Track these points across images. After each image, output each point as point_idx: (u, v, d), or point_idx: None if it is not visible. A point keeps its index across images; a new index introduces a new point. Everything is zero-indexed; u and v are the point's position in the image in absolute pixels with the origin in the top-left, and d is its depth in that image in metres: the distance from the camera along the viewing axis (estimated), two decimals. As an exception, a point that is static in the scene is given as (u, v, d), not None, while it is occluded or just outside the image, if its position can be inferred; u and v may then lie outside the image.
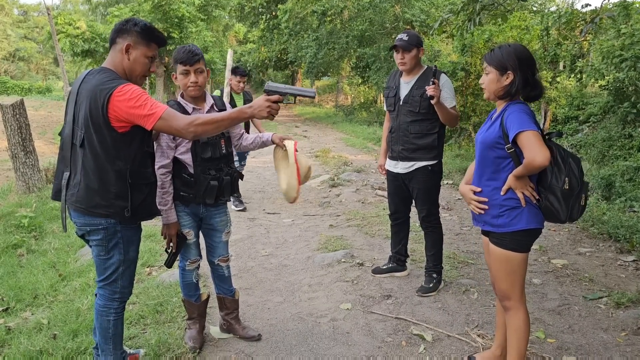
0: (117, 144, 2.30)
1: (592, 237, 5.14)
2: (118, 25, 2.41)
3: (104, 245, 2.43)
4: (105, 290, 2.52)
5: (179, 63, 2.80)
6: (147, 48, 2.42)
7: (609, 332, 3.22)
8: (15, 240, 5.08)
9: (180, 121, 2.25)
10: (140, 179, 2.39)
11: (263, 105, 2.34)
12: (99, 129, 2.27)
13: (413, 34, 3.70)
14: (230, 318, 3.21)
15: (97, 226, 2.38)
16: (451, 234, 5.26)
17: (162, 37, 2.50)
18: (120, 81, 2.29)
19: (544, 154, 2.21)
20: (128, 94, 2.23)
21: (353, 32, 18.35)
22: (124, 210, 2.35)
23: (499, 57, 2.42)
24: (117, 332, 2.59)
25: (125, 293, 2.56)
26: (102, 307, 2.54)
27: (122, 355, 2.64)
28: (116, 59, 2.40)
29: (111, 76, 2.32)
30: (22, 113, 6.89)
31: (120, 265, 2.47)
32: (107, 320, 2.54)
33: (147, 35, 2.41)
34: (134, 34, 2.38)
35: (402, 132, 3.76)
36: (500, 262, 2.47)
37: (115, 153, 2.31)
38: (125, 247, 2.46)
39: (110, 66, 2.40)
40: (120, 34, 2.39)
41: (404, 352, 3.02)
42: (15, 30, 47.86)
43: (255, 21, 26.37)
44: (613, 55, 9.65)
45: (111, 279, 2.49)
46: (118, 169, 2.32)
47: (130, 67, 2.41)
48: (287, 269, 4.41)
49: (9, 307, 3.69)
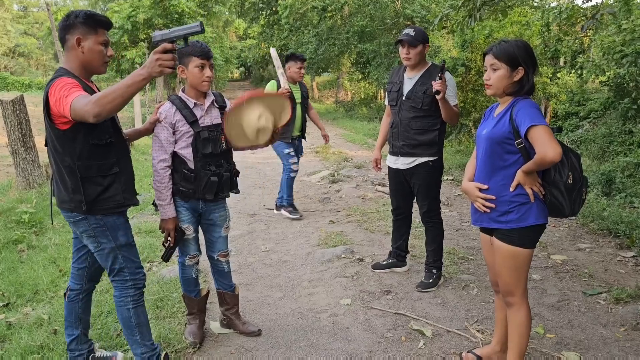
0: (61, 141, 2.32)
1: (592, 233, 5.14)
2: (62, 24, 2.38)
3: (92, 237, 2.46)
4: (117, 282, 2.55)
5: (195, 56, 2.79)
6: (96, 35, 2.39)
7: (608, 327, 3.23)
8: (15, 236, 5.08)
9: (81, 104, 2.10)
10: (92, 172, 2.38)
11: (152, 60, 2.10)
12: (47, 128, 2.34)
13: (419, 29, 3.68)
14: (231, 313, 3.22)
15: (76, 218, 2.43)
16: (451, 230, 5.26)
17: (106, 19, 2.45)
18: (59, 76, 2.29)
19: (556, 150, 2.19)
20: (57, 88, 2.22)
21: (353, 28, 18.32)
22: (81, 204, 2.37)
23: (510, 51, 2.36)
24: (141, 321, 2.59)
25: (137, 279, 2.57)
26: (119, 298, 2.56)
27: (152, 345, 2.64)
28: (70, 56, 2.39)
29: (57, 75, 2.33)
30: (22, 109, 6.89)
31: (114, 252, 2.48)
32: (126, 309, 2.55)
33: (92, 22, 2.39)
34: (79, 26, 2.36)
35: (403, 127, 3.75)
36: (506, 259, 2.45)
37: (62, 149, 2.33)
38: (112, 233, 2.46)
39: (66, 65, 2.40)
40: (67, 31, 2.37)
41: (404, 347, 3.03)
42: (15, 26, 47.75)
43: (255, 17, 26.31)
44: (614, 51, 9.63)
45: (115, 268, 2.51)
46: (67, 165, 2.35)
47: (88, 59, 2.39)
48: (287, 264, 4.42)
49: (9, 303, 3.69)
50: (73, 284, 2.73)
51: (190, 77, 2.84)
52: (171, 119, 2.81)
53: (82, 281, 2.72)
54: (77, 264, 2.71)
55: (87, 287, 2.75)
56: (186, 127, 2.81)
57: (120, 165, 2.48)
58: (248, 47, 38.19)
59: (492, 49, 2.41)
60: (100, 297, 3.62)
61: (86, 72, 2.43)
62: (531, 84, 2.39)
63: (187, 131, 2.81)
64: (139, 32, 20.62)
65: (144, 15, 19.74)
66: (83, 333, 2.76)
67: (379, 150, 4.13)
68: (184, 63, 2.83)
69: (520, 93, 2.40)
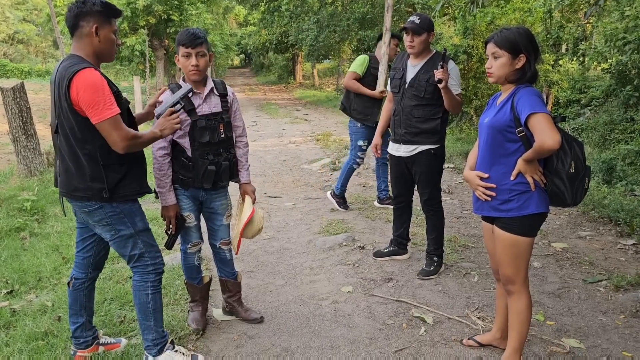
0: (82, 128, 2.31)
1: (593, 220, 5.15)
2: (76, 9, 2.35)
3: (108, 225, 2.46)
4: (137, 267, 2.58)
5: (181, 45, 2.79)
6: (110, 24, 2.40)
7: (608, 314, 3.25)
8: (18, 223, 5.10)
9: (117, 134, 2.28)
10: (113, 160, 2.39)
11: (162, 123, 2.52)
12: (66, 115, 2.31)
13: (425, 17, 3.65)
14: (233, 300, 3.24)
15: (92, 207, 2.42)
16: (452, 218, 5.28)
17: (118, 9, 2.47)
18: (81, 65, 2.27)
19: (555, 138, 2.19)
20: (90, 85, 2.22)
21: (354, 15, 18.20)
22: (102, 191, 2.37)
23: (511, 39, 2.36)
24: (157, 308, 2.62)
25: (158, 264, 2.60)
26: (138, 282, 2.59)
27: (163, 332, 2.67)
28: (83, 43, 2.37)
29: (75, 61, 2.31)
30: (22, 96, 6.87)
31: (134, 238, 2.50)
32: (145, 294, 2.58)
33: (109, 11, 2.39)
34: (96, 14, 2.35)
35: (405, 115, 3.75)
36: (507, 247, 2.47)
37: (83, 137, 2.33)
38: (130, 219, 2.49)
39: (79, 52, 2.38)
40: (81, 17, 2.34)
41: (405, 334, 3.06)
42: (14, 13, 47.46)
43: (255, 3, 26.09)
44: (616, 38, 9.58)
45: (136, 254, 2.53)
46: (88, 152, 2.34)
47: (102, 47, 2.40)
48: (288, 252, 4.44)
49: (13, 290, 3.72)
50: (78, 272, 2.74)
51: (181, 65, 2.85)
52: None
53: (87, 270, 2.74)
54: (82, 253, 2.72)
55: (92, 275, 2.77)
56: (183, 115, 2.80)
57: (136, 154, 2.51)
58: (248, 34, 37.97)
59: (494, 37, 2.41)
60: (104, 285, 3.64)
61: (98, 60, 2.43)
62: (533, 71, 2.38)
63: (184, 119, 2.80)
64: (139, 19, 20.48)
65: (143, 2, 19.59)
66: (87, 320, 2.78)
67: (379, 136, 4.14)
68: (177, 52, 2.83)
69: (523, 80, 2.39)
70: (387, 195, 5.61)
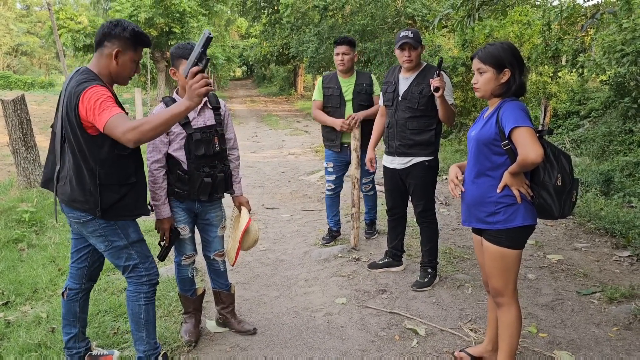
0: (88, 145, 2.34)
1: (589, 232, 5.16)
2: (106, 29, 2.41)
3: (101, 236, 2.48)
4: (132, 278, 2.59)
5: (185, 59, 2.77)
6: (134, 52, 2.45)
7: (601, 327, 3.25)
8: (16, 234, 5.12)
9: (121, 127, 2.15)
10: (112, 180, 2.41)
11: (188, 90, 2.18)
12: (73, 129, 2.33)
13: (416, 31, 3.73)
14: (226, 312, 3.25)
15: (86, 217, 2.44)
16: (448, 229, 5.29)
17: (149, 40, 2.52)
18: (92, 82, 2.31)
19: (537, 151, 2.22)
20: (91, 95, 2.25)
21: (354, 27, 18.29)
22: (96, 209, 2.40)
23: (495, 54, 2.40)
24: (149, 319, 2.63)
25: (152, 275, 2.61)
26: (132, 293, 2.61)
27: (155, 345, 2.68)
28: (102, 62, 2.43)
29: (88, 77, 2.35)
30: (22, 108, 6.92)
31: (128, 249, 2.52)
32: (137, 305, 2.60)
33: (136, 40, 2.44)
34: (122, 40, 2.40)
35: (399, 127, 3.78)
36: (495, 260, 2.48)
37: (88, 153, 2.35)
38: (123, 231, 2.50)
39: (94, 68, 2.43)
40: (108, 38, 2.40)
41: (397, 346, 3.06)
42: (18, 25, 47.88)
43: (257, 16, 26.31)
44: (614, 50, 9.61)
45: (130, 265, 2.55)
46: (90, 168, 2.37)
47: (118, 72, 2.45)
48: (284, 263, 4.45)
49: (9, 301, 3.73)
50: (72, 283, 2.76)
51: (180, 79, 2.83)
52: None
53: (81, 281, 2.76)
54: (76, 263, 2.74)
55: (86, 286, 2.79)
56: (178, 128, 2.84)
57: (136, 175, 2.52)
58: (250, 46, 38.23)
59: (478, 53, 2.45)
60: (98, 296, 3.66)
61: (111, 80, 2.47)
62: (518, 84, 2.42)
63: (179, 132, 2.84)
64: (141, 31, 20.62)
65: (145, 14, 19.76)
66: (81, 331, 2.80)
67: (372, 150, 4.16)
68: (176, 65, 2.85)
69: (508, 94, 2.43)
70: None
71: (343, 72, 4.51)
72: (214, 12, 25.12)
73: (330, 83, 4.57)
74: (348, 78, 4.53)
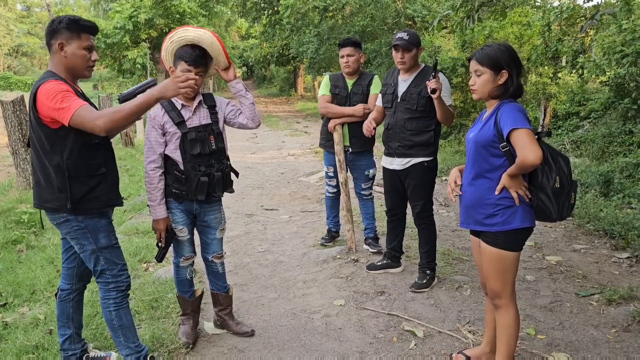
0: (51, 140, 2.35)
1: (588, 233, 5.15)
2: (47, 29, 2.45)
3: (74, 238, 2.50)
4: (100, 283, 2.59)
5: (183, 61, 2.79)
6: (79, 40, 2.44)
7: (600, 328, 3.24)
8: (15, 236, 5.13)
9: (89, 117, 2.22)
10: (81, 172, 2.41)
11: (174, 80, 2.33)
12: (35, 127, 2.36)
13: (413, 33, 3.72)
14: (224, 314, 3.25)
15: (59, 220, 2.46)
16: (447, 231, 5.28)
17: (91, 24, 2.50)
18: (46, 79, 2.34)
19: (536, 153, 2.21)
20: (48, 91, 2.27)
21: (354, 28, 18.31)
22: (67, 202, 2.39)
23: (492, 56, 2.40)
24: (123, 324, 2.62)
25: (119, 282, 2.59)
26: (102, 299, 2.61)
27: (137, 348, 2.67)
28: (55, 60, 2.45)
29: (45, 76, 2.38)
30: (22, 109, 6.93)
31: (96, 254, 2.51)
32: (108, 311, 2.60)
33: (75, 27, 2.43)
34: (62, 31, 2.41)
35: (398, 129, 3.78)
36: (493, 262, 2.48)
37: (51, 148, 2.37)
38: (92, 235, 2.49)
39: (52, 68, 2.46)
40: (52, 36, 2.43)
41: (395, 348, 3.05)
42: (19, 26, 47.90)
43: (257, 16, 26.32)
44: (614, 51, 9.61)
45: (98, 270, 2.55)
46: (55, 164, 2.38)
47: (70, 63, 2.44)
48: (282, 265, 4.45)
49: (7, 303, 3.73)
50: (63, 283, 2.77)
51: None
52: (160, 121, 2.84)
53: (72, 281, 2.76)
54: (66, 263, 2.75)
55: (77, 286, 2.79)
56: (174, 128, 2.84)
57: (107, 166, 2.52)
58: (250, 47, 38.24)
59: (475, 55, 2.44)
60: (95, 297, 3.65)
61: (71, 75, 2.48)
62: (516, 86, 2.41)
63: (175, 132, 2.84)
64: (141, 32, 20.68)
65: (145, 15, 19.79)
66: (76, 333, 2.80)
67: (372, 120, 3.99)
68: (175, 65, 2.85)
69: (506, 96, 2.42)
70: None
71: (349, 74, 4.47)
72: (214, 13, 25.19)
73: (338, 82, 4.53)
74: (354, 79, 4.52)
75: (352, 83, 4.48)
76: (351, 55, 4.38)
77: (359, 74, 4.52)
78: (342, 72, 4.55)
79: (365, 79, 4.47)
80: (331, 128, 4.44)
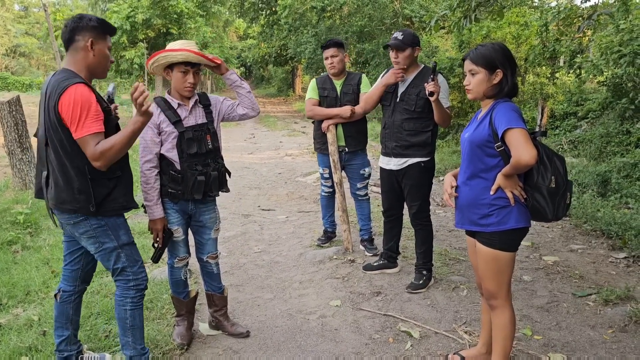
0: (72, 142, 2.33)
1: (585, 233, 5.14)
2: (73, 24, 2.40)
3: (92, 237, 2.47)
4: (119, 281, 2.58)
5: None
6: (105, 41, 2.45)
7: (596, 329, 3.23)
8: (10, 236, 5.10)
9: (91, 151, 2.27)
10: (101, 174, 2.40)
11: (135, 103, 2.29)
12: (55, 128, 2.33)
13: (408, 33, 3.70)
14: (219, 315, 3.23)
15: (77, 219, 2.43)
16: (444, 231, 5.27)
17: (114, 28, 2.54)
18: (73, 80, 2.30)
19: (531, 153, 2.20)
20: (76, 100, 2.25)
21: (352, 28, 18.33)
22: (89, 205, 2.39)
23: (486, 55, 2.39)
24: (136, 324, 2.61)
25: (140, 280, 2.59)
26: (119, 297, 2.59)
27: (142, 350, 2.65)
28: (78, 57, 2.41)
29: (67, 76, 2.34)
30: (18, 110, 6.90)
31: (117, 251, 2.50)
32: (123, 309, 2.58)
33: (104, 28, 2.44)
34: (92, 29, 2.39)
35: (396, 128, 3.77)
36: (488, 262, 2.46)
37: (72, 150, 2.35)
38: (114, 232, 2.49)
39: (71, 66, 2.41)
40: (78, 32, 2.39)
41: (391, 348, 3.04)
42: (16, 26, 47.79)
43: (255, 17, 26.35)
44: (611, 51, 9.61)
45: (118, 267, 2.53)
46: (77, 166, 2.36)
47: (96, 62, 2.44)
48: (278, 265, 4.43)
49: (1, 304, 3.71)
50: (65, 285, 2.74)
51: (174, 80, 2.87)
52: (155, 120, 2.83)
53: (75, 283, 2.74)
54: (70, 266, 2.73)
55: (80, 288, 2.77)
56: (170, 127, 2.83)
57: (122, 169, 2.52)
58: (248, 47, 38.22)
59: (469, 55, 2.43)
60: (91, 299, 3.63)
61: (91, 74, 2.47)
62: (511, 85, 2.40)
63: (171, 132, 2.83)
64: (138, 33, 20.65)
65: (142, 15, 19.76)
66: (72, 334, 2.78)
67: None
68: (171, 66, 2.85)
69: (501, 95, 2.41)
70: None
71: (335, 74, 4.47)
72: (211, 13, 25.14)
73: (325, 85, 4.52)
74: (341, 80, 4.50)
75: (341, 83, 4.48)
76: (335, 56, 4.39)
77: (345, 74, 4.51)
78: (327, 74, 4.54)
79: (354, 78, 4.47)
80: (325, 128, 4.43)
